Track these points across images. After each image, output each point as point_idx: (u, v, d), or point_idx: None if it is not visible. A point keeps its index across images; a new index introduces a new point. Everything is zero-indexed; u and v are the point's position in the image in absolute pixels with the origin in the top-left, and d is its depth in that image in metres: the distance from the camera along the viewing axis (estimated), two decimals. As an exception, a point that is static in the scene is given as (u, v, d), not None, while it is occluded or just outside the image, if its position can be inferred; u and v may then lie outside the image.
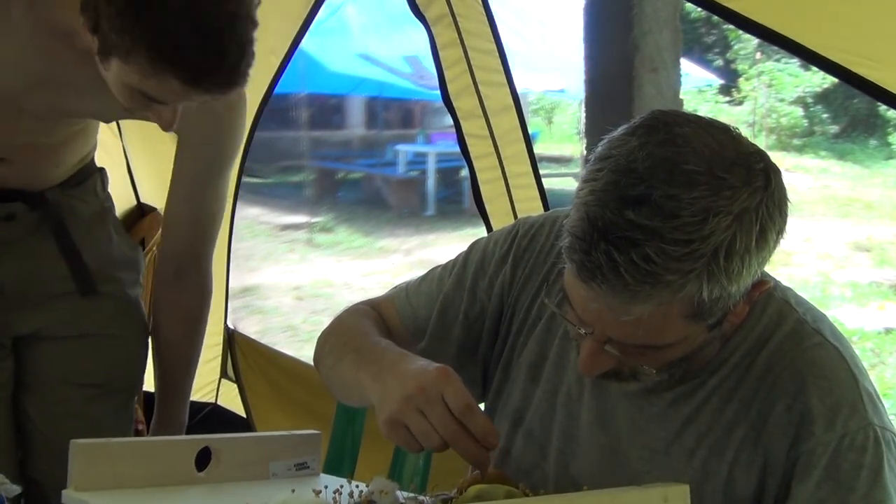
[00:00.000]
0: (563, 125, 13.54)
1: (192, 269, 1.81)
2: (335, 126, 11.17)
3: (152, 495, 1.20)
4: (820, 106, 12.21)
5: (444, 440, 1.10)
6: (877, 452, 1.12)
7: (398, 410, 1.12)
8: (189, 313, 1.84)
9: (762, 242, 1.05)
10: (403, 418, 1.12)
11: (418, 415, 1.11)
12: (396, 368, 1.17)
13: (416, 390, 1.11)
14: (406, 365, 1.17)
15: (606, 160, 1.06)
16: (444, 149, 9.33)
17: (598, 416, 1.26)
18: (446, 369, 1.13)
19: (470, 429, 1.10)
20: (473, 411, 1.10)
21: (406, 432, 1.12)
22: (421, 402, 1.10)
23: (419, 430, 1.11)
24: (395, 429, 1.13)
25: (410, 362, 1.18)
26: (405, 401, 1.11)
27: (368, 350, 1.27)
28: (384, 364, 1.20)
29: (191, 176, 1.76)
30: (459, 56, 2.44)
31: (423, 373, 1.13)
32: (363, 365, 1.24)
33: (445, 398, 1.10)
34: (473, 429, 1.10)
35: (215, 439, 1.30)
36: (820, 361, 1.16)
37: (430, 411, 1.10)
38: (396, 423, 1.12)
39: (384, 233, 8.59)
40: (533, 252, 1.34)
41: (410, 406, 1.11)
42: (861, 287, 6.48)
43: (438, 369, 1.13)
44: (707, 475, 1.18)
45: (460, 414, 1.10)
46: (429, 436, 1.11)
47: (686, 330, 1.09)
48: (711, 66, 12.24)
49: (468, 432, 1.10)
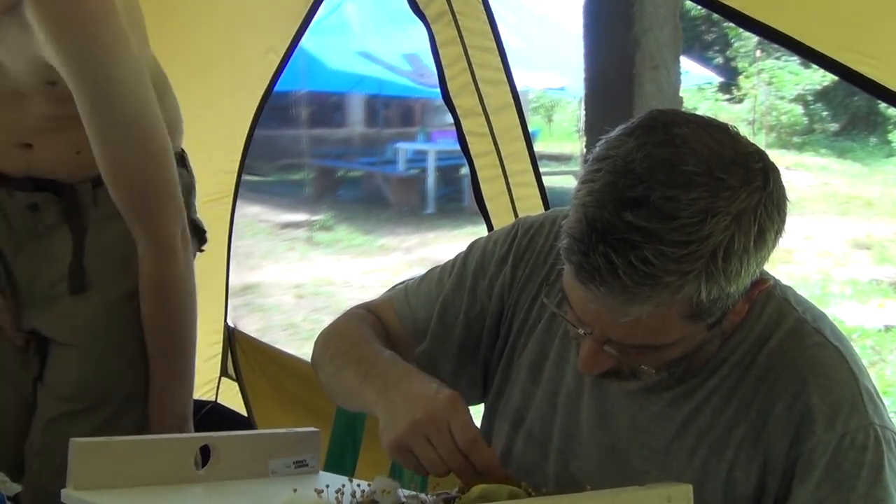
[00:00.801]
0: (563, 123, 13.54)
1: (135, 226, 1.64)
2: (335, 124, 11.17)
3: (152, 493, 1.20)
4: (820, 104, 12.21)
5: (449, 469, 1.11)
6: (877, 451, 1.12)
7: (406, 435, 1.12)
8: (147, 281, 1.66)
9: (761, 243, 1.05)
10: (410, 445, 1.12)
11: (425, 442, 1.11)
12: (403, 387, 1.17)
13: (425, 417, 1.11)
14: (413, 385, 1.17)
15: (604, 161, 1.05)
16: (444, 147, 9.34)
17: (598, 415, 1.26)
18: (455, 397, 1.13)
19: (474, 463, 1.11)
20: (479, 446, 1.11)
21: (412, 457, 1.13)
22: (429, 430, 1.11)
23: (425, 457, 1.12)
24: (402, 453, 1.13)
25: (418, 382, 1.18)
26: (413, 426, 1.12)
27: (372, 362, 1.27)
28: (390, 380, 1.20)
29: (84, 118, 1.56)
30: (459, 54, 2.44)
31: (432, 399, 1.13)
32: (368, 378, 1.24)
33: (452, 429, 1.11)
34: (477, 463, 1.11)
35: (215, 437, 1.31)
36: (820, 361, 1.15)
37: (437, 441, 1.11)
38: (403, 447, 1.13)
39: (384, 231, 8.60)
40: (533, 252, 1.34)
41: (418, 432, 1.11)
42: (861, 285, 6.49)
43: (448, 397, 1.13)
44: (707, 474, 1.18)
45: (466, 449, 1.10)
46: (434, 464, 1.12)
47: (685, 330, 1.09)
48: (711, 64, 12.24)
49: (471, 463, 1.11)
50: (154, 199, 1.63)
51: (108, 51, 1.53)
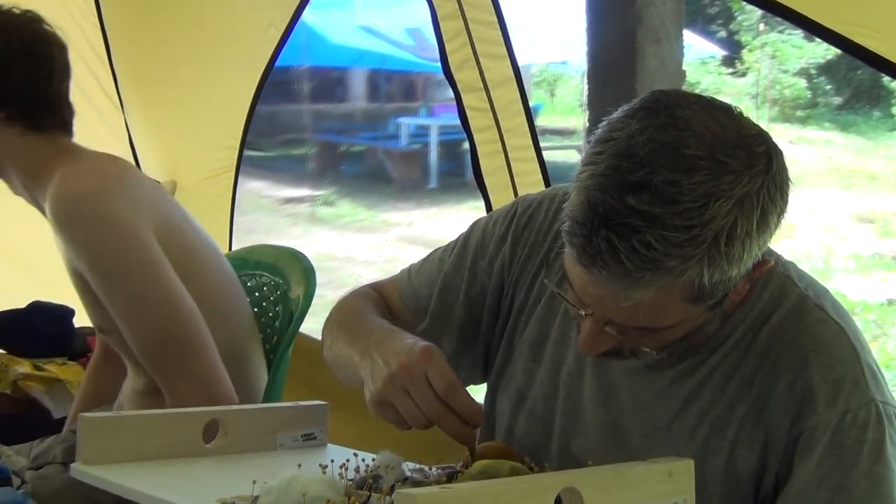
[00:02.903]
0: (566, 97, 13.47)
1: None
2: (337, 99, 11.12)
3: (160, 468, 1.21)
4: (823, 77, 12.12)
5: (430, 420, 1.11)
6: (879, 428, 1.12)
7: (383, 390, 1.13)
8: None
9: (763, 226, 1.05)
10: (389, 398, 1.13)
11: (403, 394, 1.12)
12: (383, 346, 1.18)
13: (400, 369, 1.12)
14: (392, 343, 1.18)
15: (607, 143, 1.05)
16: (446, 121, 9.29)
17: (599, 393, 1.26)
18: (430, 348, 1.14)
19: (454, 408, 1.11)
20: (457, 391, 1.11)
21: (393, 411, 1.14)
22: (405, 381, 1.12)
23: (405, 409, 1.12)
24: (383, 408, 1.14)
25: (397, 340, 1.18)
26: (390, 380, 1.13)
27: (360, 328, 1.28)
28: (372, 341, 1.21)
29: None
30: (460, 28, 2.43)
31: (407, 352, 1.13)
32: (354, 343, 1.25)
33: (429, 378, 1.11)
34: (457, 408, 1.11)
35: (222, 411, 1.32)
36: (822, 337, 1.16)
37: (414, 391, 1.11)
38: (383, 402, 1.14)
39: (386, 206, 8.58)
40: (532, 231, 1.34)
41: (395, 385, 1.12)
42: (864, 259, 6.47)
43: (423, 348, 1.13)
44: (708, 452, 1.18)
45: (444, 394, 1.11)
46: (414, 415, 1.12)
47: (686, 312, 1.09)
48: (714, 38, 12.15)
49: (453, 411, 1.11)
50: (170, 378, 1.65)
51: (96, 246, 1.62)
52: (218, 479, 1.18)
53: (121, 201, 1.65)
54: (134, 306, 1.62)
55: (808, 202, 7.59)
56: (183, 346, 1.62)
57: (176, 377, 1.62)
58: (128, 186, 1.70)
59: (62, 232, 1.63)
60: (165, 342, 1.62)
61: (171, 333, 1.62)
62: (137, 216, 1.65)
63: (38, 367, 2.25)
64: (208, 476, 1.21)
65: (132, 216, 1.64)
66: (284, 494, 1.00)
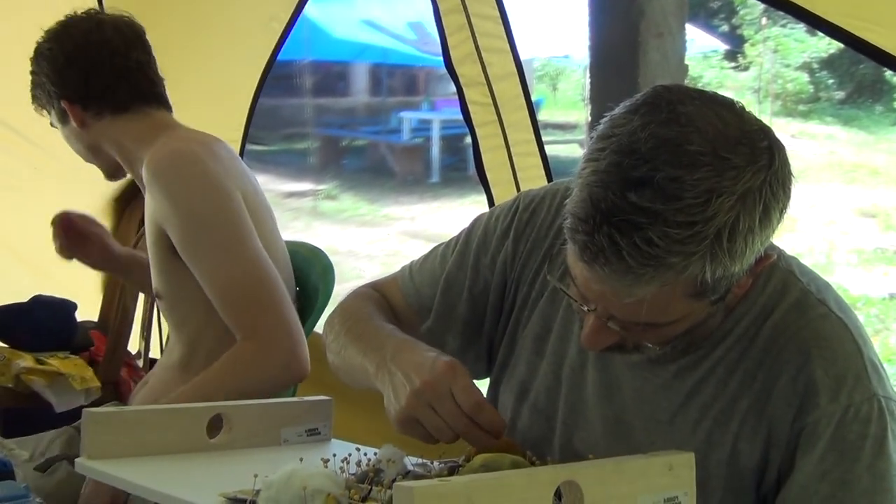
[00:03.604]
0: (568, 92, 13.45)
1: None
2: (339, 93, 11.11)
3: (164, 463, 1.21)
4: (826, 72, 12.10)
5: (457, 434, 1.12)
6: (881, 423, 1.12)
7: (409, 407, 1.13)
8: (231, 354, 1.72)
9: (766, 221, 1.05)
10: (416, 414, 1.13)
11: (430, 410, 1.12)
12: (401, 358, 1.18)
13: (425, 386, 1.12)
14: (411, 355, 1.17)
15: (609, 140, 1.05)
16: (448, 116, 9.28)
17: (602, 387, 1.26)
18: (453, 364, 1.14)
19: (480, 424, 1.12)
20: (483, 408, 1.12)
21: (420, 427, 1.14)
22: (431, 398, 1.12)
23: (431, 425, 1.13)
24: (409, 425, 1.14)
25: (415, 352, 1.18)
26: (414, 397, 1.13)
27: (372, 337, 1.28)
28: (387, 353, 1.20)
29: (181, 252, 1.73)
30: (462, 22, 2.43)
31: (430, 368, 1.13)
32: (367, 353, 1.25)
33: (454, 394, 1.11)
34: (483, 424, 1.12)
35: (226, 406, 1.32)
36: (824, 332, 1.16)
37: (441, 407, 1.12)
38: (409, 419, 1.14)
39: (389, 200, 8.58)
40: (534, 226, 1.34)
41: (421, 402, 1.12)
42: (866, 253, 6.47)
43: (446, 364, 1.14)
44: (711, 446, 1.18)
45: (470, 412, 1.11)
46: (442, 430, 1.13)
47: (689, 307, 1.09)
48: (717, 32, 12.13)
49: (478, 425, 1.12)
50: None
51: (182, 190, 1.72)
52: (221, 474, 1.18)
53: (214, 163, 1.74)
54: (223, 251, 1.69)
55: (810, 197, 7.58)
56: (269, 289, 1.68)
57: (262, 314, 1.67)
58: (219, 153, 1.79)
59: (157, 183, 1.71)
60: (252, 285, 1.68)
61: (257, 278, 1.68)
62: (228, 179, 1.75)
63: (40, 360, 2.25)
64: (212, 471, 1.21)
65: (224, 177, 1.74)
66: (285, 488, 1.00)
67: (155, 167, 1.72)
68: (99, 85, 1.82)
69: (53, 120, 1.90)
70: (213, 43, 2.95)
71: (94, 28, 1.83)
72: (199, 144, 1.78)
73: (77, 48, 1.81)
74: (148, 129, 1.82)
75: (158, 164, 1.72)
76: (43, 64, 1.85)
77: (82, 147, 1.91)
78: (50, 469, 1.77)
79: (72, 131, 1.88)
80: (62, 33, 1.84)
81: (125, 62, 1.83)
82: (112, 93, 1.82)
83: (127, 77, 1.83)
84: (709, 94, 1.09)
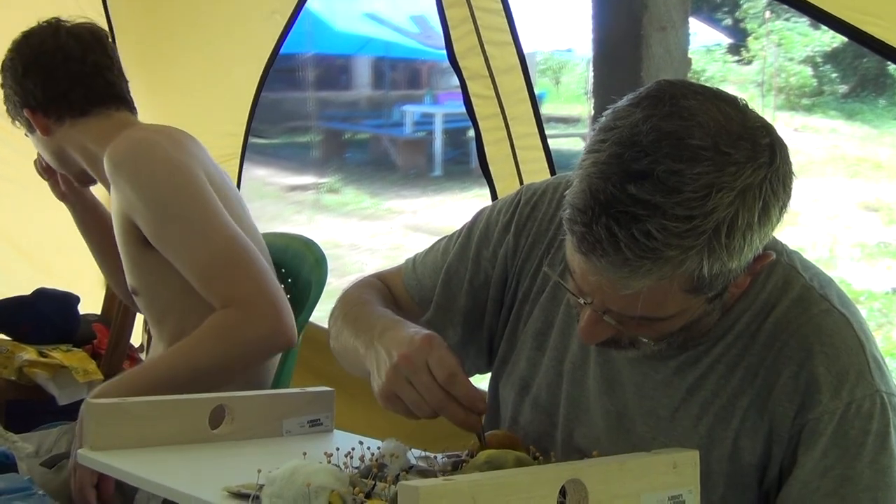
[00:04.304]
0: (571, 85, 13.43)
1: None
2: (342, 86, 11.10)
3: (166, 454, 1.22)
4: (829, 65, 12.08)
5: (435, 410, 1.11)
6: (883, 419, 1.12)
7: (388, 382, 1.13)
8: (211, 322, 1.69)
9: (765, 218, 1.04)
10: (395, 389, 1.13)
11: (408, 385, 1.12)
12: (386, 336, 1.18)
13: (402, 360, 1.12)
14: (395, 333, 1.18)
15: (610, 132, 1.05)
16: (451, 109, 9.28)
17: (604, 382, 1.26)
18: (430, 336, 1.14)
19: (455, 396, 1.11)
20: (456, 378, 1.11)
21: (401, 403, 1.14)
22: (408, 371, 1.12)
23: (410, 400, 1.12)
24: (391, 400, 1.14)
25: (400, 330, 1.18)
26: (393, 371, 1.13)
27: (364, 319, 1.28)
28: (376, 332, 1.21)
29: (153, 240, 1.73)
30: (465, 16, 2.43)
31: (409, 342, 1.13)
32: (359, 334, 1.25)
33: (430, 366, 1.11)
34: (458, 396, 1.11)
35: (229, 397, 1.32)
36: (827, 328, 1.15)
37: (416, 380, 1.11)
38: (390, 394, 1.14)
39: (391, 194, 8.58)
40: (535, 220, 1.34)
41: (399, 376, 1.12)
42: (869, 247, 6.47)
43: (423, 337, 1.13)
44: (713, 442, 1.18)
45: (444, 382, 1.11)
46: (419, 405, 1.12)
47: (685, 303, 1.09)
48: (720, 25, 12.11)
49: (455, 399, 1.11)
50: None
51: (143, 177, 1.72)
52: (224, 466, 1.18)
53: (174, 148, 1.75)
54: (195, 230, 1.68)
55: (813, 191, 7.57)
56: (247, 260, 1.67)
57: (243, 283, 1.65)
58: (181, 140, 1.79)
59: (119, 174, 1.71)
60: (229, 257, 1.67)
61: (233, 250, 1.68)
62: (191, 161, 1.75)
63: (43, 353, 2.25)
64: (214, 462, 1.21)
65: (187, 159, 1.74)
66: (288, 484, 1.00)
67: (115, 158, 1.72)
68: (55, 90, 1.83)
69: (25, 130, 1.92)
70: (216, 37, 2.95)
71: (51, 36, 1.84)
72: (157, 133, 1.79)
73: (33, 56, 1.83)
74: (108, 130, 1.82)
75: (118, 154, 1.72)
76: (6, 75, 1.87)
77: (49, 154, 1.93)
78: (57, 466, 1.77)
79: (38, 139, 1.91)
80: (22, 43, 1.86)
81: (81, 66, 1.83)
82: (69, 98, 1.83)
83: (83, 81, 1.84)
84: (712, 90, 1.08)
